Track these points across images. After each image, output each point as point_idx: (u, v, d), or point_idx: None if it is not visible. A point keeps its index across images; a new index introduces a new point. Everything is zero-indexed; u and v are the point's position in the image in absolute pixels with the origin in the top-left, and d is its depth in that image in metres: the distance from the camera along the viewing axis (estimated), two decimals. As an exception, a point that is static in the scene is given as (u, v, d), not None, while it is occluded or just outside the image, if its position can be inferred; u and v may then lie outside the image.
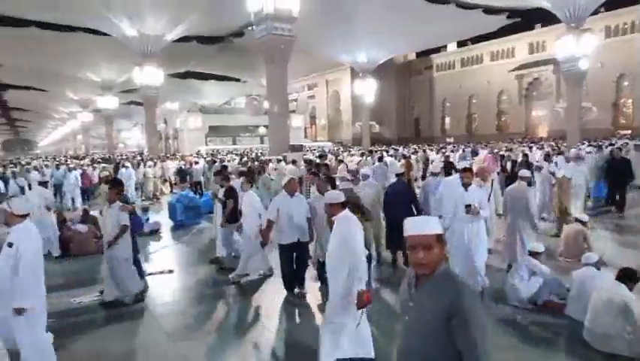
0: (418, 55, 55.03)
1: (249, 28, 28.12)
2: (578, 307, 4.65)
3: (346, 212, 3.99)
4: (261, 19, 20.22)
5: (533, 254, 5.45)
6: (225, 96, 55.20)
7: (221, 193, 7.53)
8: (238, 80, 46.33)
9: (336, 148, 35.52)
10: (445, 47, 51.63)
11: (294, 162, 14.07)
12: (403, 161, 14.82)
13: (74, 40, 28.80)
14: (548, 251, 6.15)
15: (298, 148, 21.69)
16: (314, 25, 25.47)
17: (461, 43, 49.57)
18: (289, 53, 20.99)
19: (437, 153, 20.55)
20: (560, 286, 5.19)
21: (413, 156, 18.40)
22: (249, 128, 49.28)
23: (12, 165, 22.13)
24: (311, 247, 5.99)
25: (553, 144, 23.92)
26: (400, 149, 25.88)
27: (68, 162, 21.41)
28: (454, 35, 39.34)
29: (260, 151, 31.05)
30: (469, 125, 52.33)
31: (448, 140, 45.16)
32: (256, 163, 15.87)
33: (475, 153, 16.94)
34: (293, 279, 5.89)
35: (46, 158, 29.88)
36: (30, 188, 11.28)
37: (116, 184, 6.20)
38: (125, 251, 5.82)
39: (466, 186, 5.28)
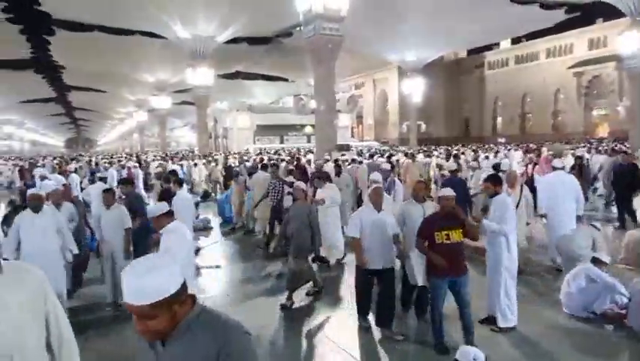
0: (469, 52, 53.53)
1: (297, 28, 28.44)
2: (639, 317, 4.38)
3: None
4: (309, 18, 20.35)
5: (597, 262, 5.17)
6: (273, 96, 56.05)
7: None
8: (286, 79, 46.91)
9: (382, 148, 35.19)
10: (498, 44, 49.94)
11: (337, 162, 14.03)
12: (452, 160, 14.47)
13: (132, 43, 30.22)
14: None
15: (345, 147, 21.68)
16: (362, 24, 25.38)
17: (515, 40, 47.79)
18: (337, 53, 21.02)
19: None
20: (620, 294, 4.88)
21: (462, 157, 17.93)
22: (296, 128, 49.76)
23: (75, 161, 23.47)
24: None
25: (612, 145, 22.58)
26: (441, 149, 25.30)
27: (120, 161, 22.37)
28: (508, 32, 37.97)
29: (308, 149, 31.24)
30: (522, 125, 50.38)
31: (499, 140, 43.67)
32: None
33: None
34: (369, 303, 4.85)
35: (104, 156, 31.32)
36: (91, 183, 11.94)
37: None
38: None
39: (491, 196, 4.87)
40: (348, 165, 13.07)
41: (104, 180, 10.07)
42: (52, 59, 35.38)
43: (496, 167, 9.23)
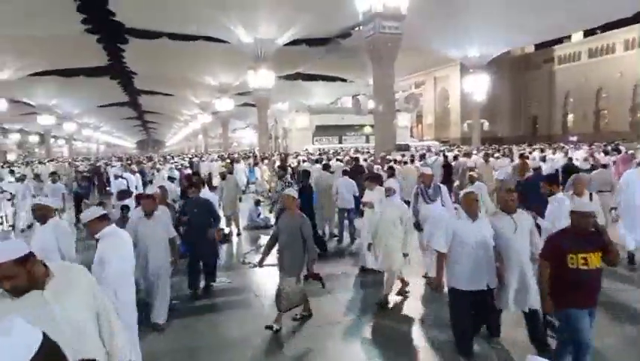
0: (537, 47, 50.80)
1: (357, 28, 28.41)
2: None
3: None
4: (368, 18, 20.27)
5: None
6: (332, 96, 56.26)
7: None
8: (344, 80, 46.93)
9: (442, 147, 34.26)
10: (569, 37, 47.03)
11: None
12: (518, 160, 13.76)
13: (197, 49, 31.52)
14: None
15: (404, 147, 21.34)
16: (422, 21, 24.81)
17: (588, 32, 44.77)
18: (396, 51, 20.77)
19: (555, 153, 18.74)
20: None
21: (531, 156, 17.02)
22: (354, 128, 49.63)
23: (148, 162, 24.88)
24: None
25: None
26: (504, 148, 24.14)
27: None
28: (581, 23, 35.58)
29: (366, 150, 31.05)
30: (596, 122, 47.13)
31: (570, 138, 41.12)
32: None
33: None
34: (471, 337, 4.18)
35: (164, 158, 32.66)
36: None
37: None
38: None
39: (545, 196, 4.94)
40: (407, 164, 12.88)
41: (172, 179, 10.55)
42: (125, 66, 37.71)
43: (568, 168, 8.81)
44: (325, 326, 5.07)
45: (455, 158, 15.84)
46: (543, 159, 15.05)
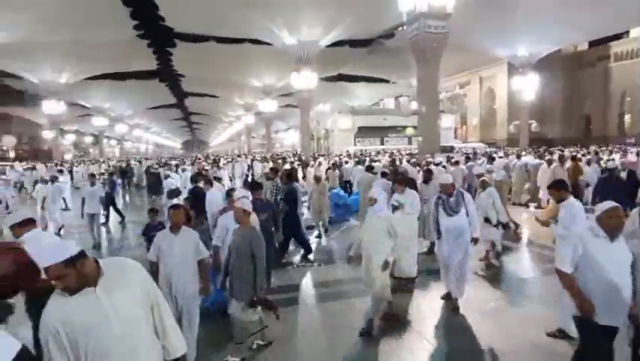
0: (591, 44, 48.42)
1: (400, 28, 28.11)
2: None
3: None
4: (413, 18, 19.97)
5: None
6: (375, 97, 55.95)
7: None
8: (387, 81, 46.56)
9: (488, 149, 33.35)
10: (627, 32, 44.52)
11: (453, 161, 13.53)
12: (570, 163, 13.19)
13: (242, 51, 32.17)
14: None
15: (449, 149, 20.90)
16: (468, 19, 24.19)
17: (648, 28, 42.18)
18: (442, 51, 20.36)
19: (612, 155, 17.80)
20: None
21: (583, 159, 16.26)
22: (397, 129, 49.15)
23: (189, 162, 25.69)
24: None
25: None
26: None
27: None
28: (640, 18, 33.68)
29: (409, 151, 30.69)
30: (656, 123, 44.35)
31: (627, 140, 38.96)
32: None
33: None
34: None
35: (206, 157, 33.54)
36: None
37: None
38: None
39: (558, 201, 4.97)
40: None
41: (218, 179, 10.75)
42: (174, 69, 39.01)
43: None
44: (342, 332, 5.02)
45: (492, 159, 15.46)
46: (598, 162, 14.38)
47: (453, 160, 14.70)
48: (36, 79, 36.31)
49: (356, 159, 20.30)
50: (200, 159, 32.61)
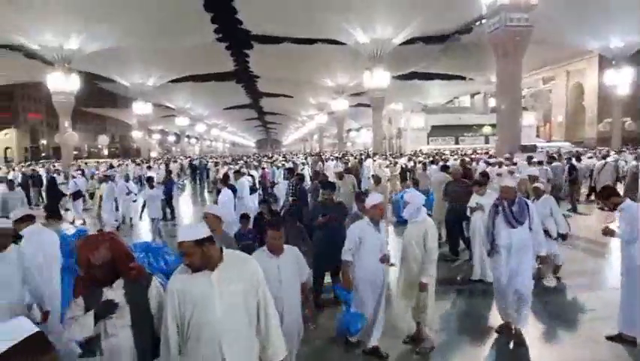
0: (699, 32, 43.36)
1: (478, 23, 26.98)
2: None
3: None
4: (494, 11, 19.09)
5: None
6: (449, 95, 54.24)
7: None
8: (463, 78, 44.93)
9: (575, 149, 31.00)
10: None
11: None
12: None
13: (315, 51, 32.59)
14: None
15: (531, 148, 19.71)
16: (554, 10, 22.65)
17: None
18: (525, 45, 19.28)
19: None
20: None
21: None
22: (472, 128, 47.24)
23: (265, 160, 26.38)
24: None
25: None
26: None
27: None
28: None
29: (485, 151, 29.36)
30: None
31: None
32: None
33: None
34: None
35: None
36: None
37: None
38: None
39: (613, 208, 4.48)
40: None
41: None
42: (250, 70, 40.40)
43: None
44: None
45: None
46: None
47: (534, 160, 13.81)
48: (127, 82, 39.32)
49: (430, 159, 19.78)
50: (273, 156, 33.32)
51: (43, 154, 58.53)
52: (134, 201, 12.03)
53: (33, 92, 56.93)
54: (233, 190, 9.35)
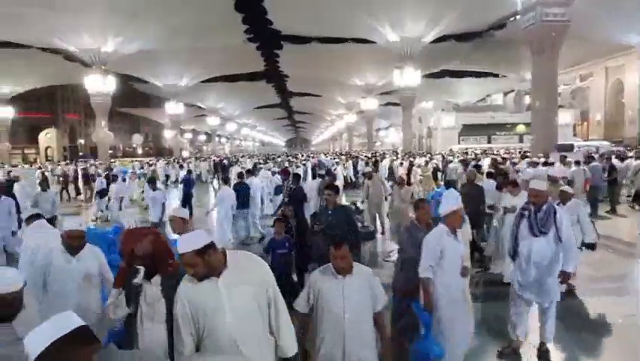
0: None
1: (511, 18, 26.36)
2: None
3: None
4: (529, 6, 18.57)
5: None
6: (481, 93, 53.15)
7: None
8: (496, 75, 43.95)
9: (615, 148, 29.82)
10: None
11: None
12: None
13: (345, 50, 32.54)
14: None
15: (567, 148, 19.08)
16: (591, 4, 21.85)
17: None
18: (561, 41, 18.70)
19: None
20: None
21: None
22: (505, 127, 46.15)
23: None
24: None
25: None
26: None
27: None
28: None
29: (518, 150, 28.62)
30: None
31: None
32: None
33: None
34: None
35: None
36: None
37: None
38: None
39: None
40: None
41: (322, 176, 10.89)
42: (280, 70, 40.70)
43: None
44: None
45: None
46: None
47: (569, 160, 13.33)
48: (160, 83, 40.30)
49: (460, 158, 19.44)
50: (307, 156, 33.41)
51: (80, 153, 60.58)
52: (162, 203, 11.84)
53: (71, 94, 59.09)
54: (240, 189, 9.73)
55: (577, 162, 12.63)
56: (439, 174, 17.07)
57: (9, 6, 22.18)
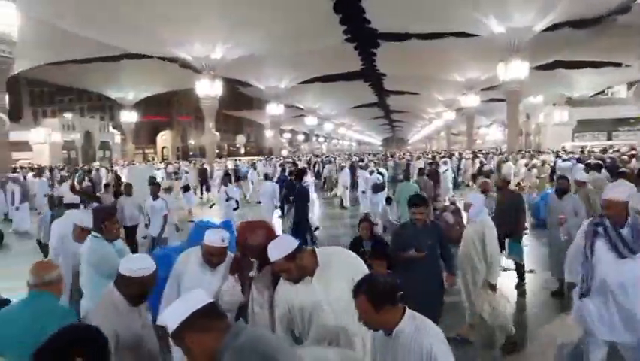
0: None
1: (638, 0, 23.69)
2: None
3: None
4: (661, -15, 16.40)
5: None
6: (600, 85, 47.95)
7: None
8: (619, 64, 39.35)
9: None
10: None
11: None
12: None
13: (443, 46, 31.37)
14: None
15: None
16: None
17: None
18: (702, 22, 16.22)
19: None
20: None
21: None
22: (630, 122, 41.30)
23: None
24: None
25: None
26: None
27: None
28: None
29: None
30: None
31: None
32: None
33: None
34: None
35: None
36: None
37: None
38: None
39: None
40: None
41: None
42: (376, 69, 40.51)
43: None
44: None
45: None
46: None
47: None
48: (262, 86, 42.34)
49: (577, 157, 17.76)
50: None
51: (191, 153, 65.85)
52: (235, 208, 10.73)
53: (184, 98, 64.51)
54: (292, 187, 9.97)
55: None
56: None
57: (132, 20, 24.84)
